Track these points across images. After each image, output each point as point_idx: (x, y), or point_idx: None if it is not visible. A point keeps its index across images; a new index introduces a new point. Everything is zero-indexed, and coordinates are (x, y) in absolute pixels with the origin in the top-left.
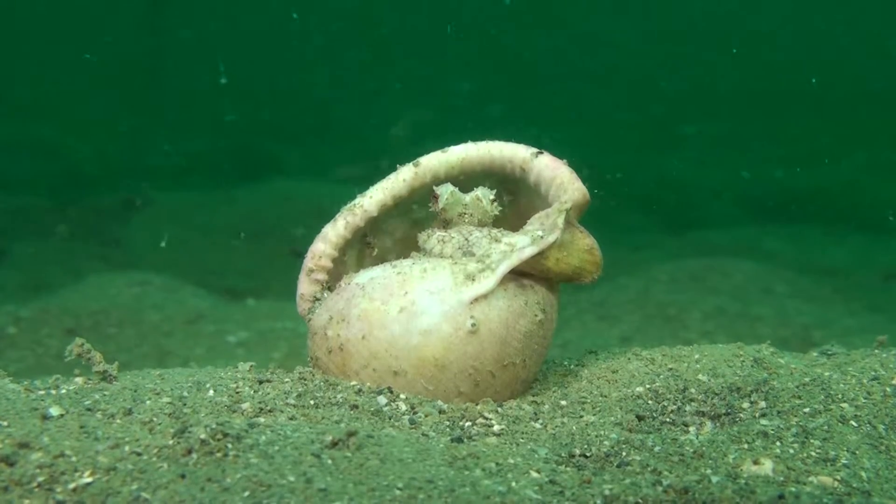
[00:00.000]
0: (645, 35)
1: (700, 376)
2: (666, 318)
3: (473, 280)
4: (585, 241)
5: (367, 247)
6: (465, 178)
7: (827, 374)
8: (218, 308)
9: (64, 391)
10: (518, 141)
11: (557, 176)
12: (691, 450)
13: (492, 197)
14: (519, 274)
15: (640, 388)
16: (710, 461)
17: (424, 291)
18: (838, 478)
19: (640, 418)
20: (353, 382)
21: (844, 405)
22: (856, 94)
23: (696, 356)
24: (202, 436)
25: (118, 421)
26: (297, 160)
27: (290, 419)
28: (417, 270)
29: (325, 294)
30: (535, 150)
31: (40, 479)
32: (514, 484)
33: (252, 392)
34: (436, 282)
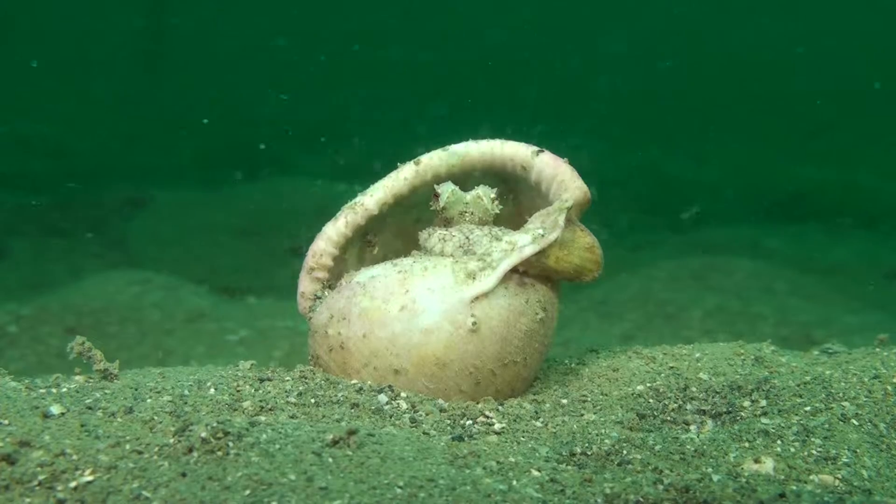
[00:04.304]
0: (644, 35)
1: (701, 375)
2: (667, 317)
3: (474, 278)
4: (586, 240)
5: (367, 245)
6: (466, 177)
7: (828, 372)
8: (219, 306)
9: (65, 389)
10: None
11: (558, 174)
12: (692, 448)
13: (493, 195)
14: (520, 272)
15: (640, 387)
16: (711, 460)
17: (425, 290)
18: (839, 476)
19: (641, 417)
20: (354, 381)
21: (845, 404)
22: (858, 93)
23: (697, 355)
24: (203, 434)
25: (119, 419)
26: (299, 158)
27: (291, 417)
28: (418, 269)
29: (326, 292)
30: (535, 148)
31: (41, 477)
32: (515, 482)
33: (253, 390)
34: (437, 280)
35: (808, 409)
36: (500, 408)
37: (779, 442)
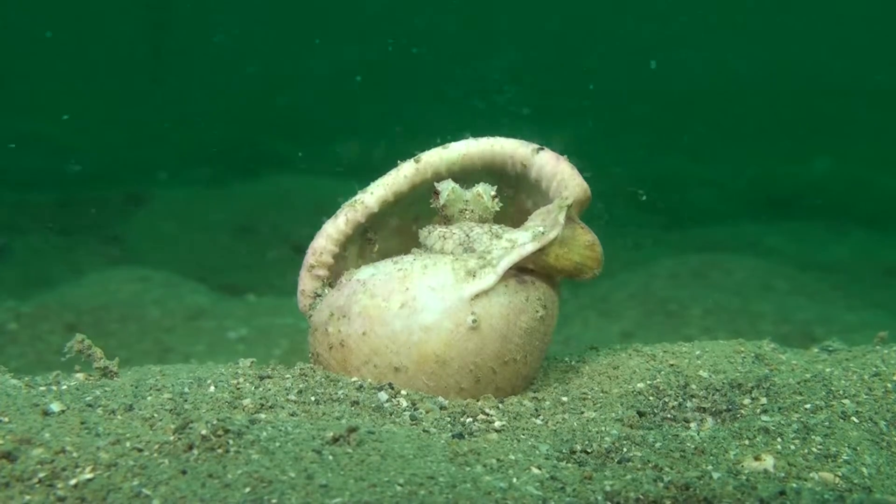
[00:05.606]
0: (645, 33)
1: (701, 372)
2: (667, 315)
3: (474, 276)
4: (586, 237)
5: (367, 243)
6: (466, 175)
7: (828, 370)
8: (219, 304)
9: (65, 387)
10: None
11: (558, 172)
12: (692, 446)
13: (493, 193)
14: (520, 270)
15: (641, 385)
16: (711, 457)
17: (425, 287)
18: (839, 474)
19: (641, 414)
20: (354, 379)
21: (845, 401)
22: (857, 90)
23: (697, 352)
24: (203, 432)
25: (119, 417)
26: (299, 157)
27: (291, 415)
28: (418, 266)
29: (326, 290)
30: (535, 146)
31: (41, 475)
32: (515, 480)
33: (253, 388)
34: (437, 278)
35: (808, 406)
36: (500, 405)
37: (779, 439)
